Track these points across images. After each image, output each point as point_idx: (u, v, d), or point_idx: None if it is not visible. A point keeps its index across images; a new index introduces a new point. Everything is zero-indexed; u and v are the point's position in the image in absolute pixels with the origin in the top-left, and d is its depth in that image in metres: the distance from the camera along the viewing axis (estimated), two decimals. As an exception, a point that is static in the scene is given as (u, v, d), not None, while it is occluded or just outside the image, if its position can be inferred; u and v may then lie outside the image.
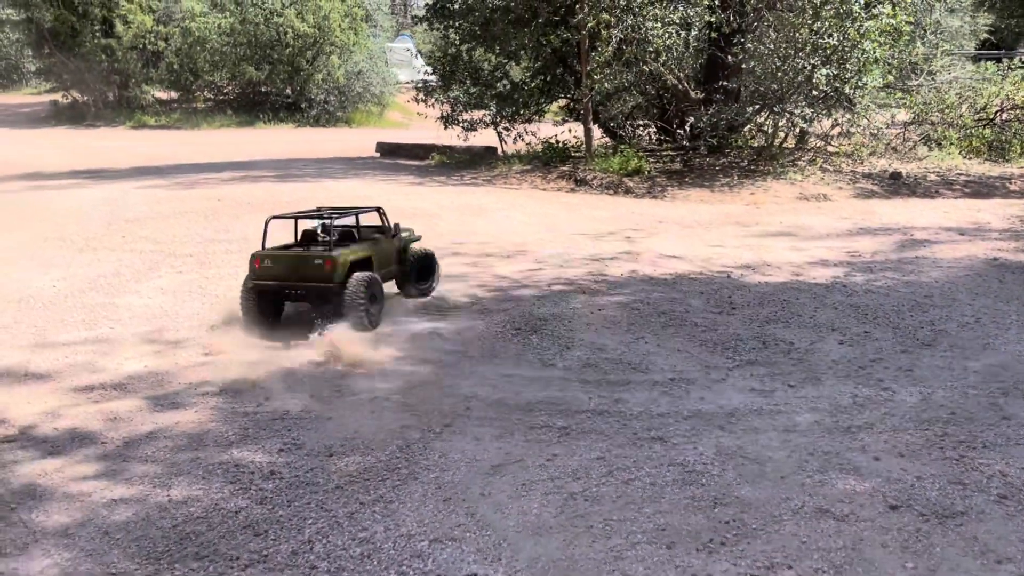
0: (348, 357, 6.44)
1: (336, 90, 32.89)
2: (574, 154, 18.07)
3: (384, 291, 7.57)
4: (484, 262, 9.77)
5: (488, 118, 19.06)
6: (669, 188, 15.73)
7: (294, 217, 7.75)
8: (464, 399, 5.78)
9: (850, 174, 16.30)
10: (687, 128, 17.31)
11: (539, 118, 19.43)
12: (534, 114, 19.04)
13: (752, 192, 15.18)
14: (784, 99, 16.01)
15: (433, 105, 19.69)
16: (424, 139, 21.23)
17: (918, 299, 8.29)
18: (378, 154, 21.97)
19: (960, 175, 16.21)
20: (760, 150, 17.55)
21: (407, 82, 32.81)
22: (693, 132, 16.96)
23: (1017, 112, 18.32)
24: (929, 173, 16.31)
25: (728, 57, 16.48)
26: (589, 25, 16.19)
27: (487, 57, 19.20)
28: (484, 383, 6.08)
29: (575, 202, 14.57)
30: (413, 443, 5.07)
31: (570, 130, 18.74)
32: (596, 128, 18.76)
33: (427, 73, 20.73)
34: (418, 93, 20.23)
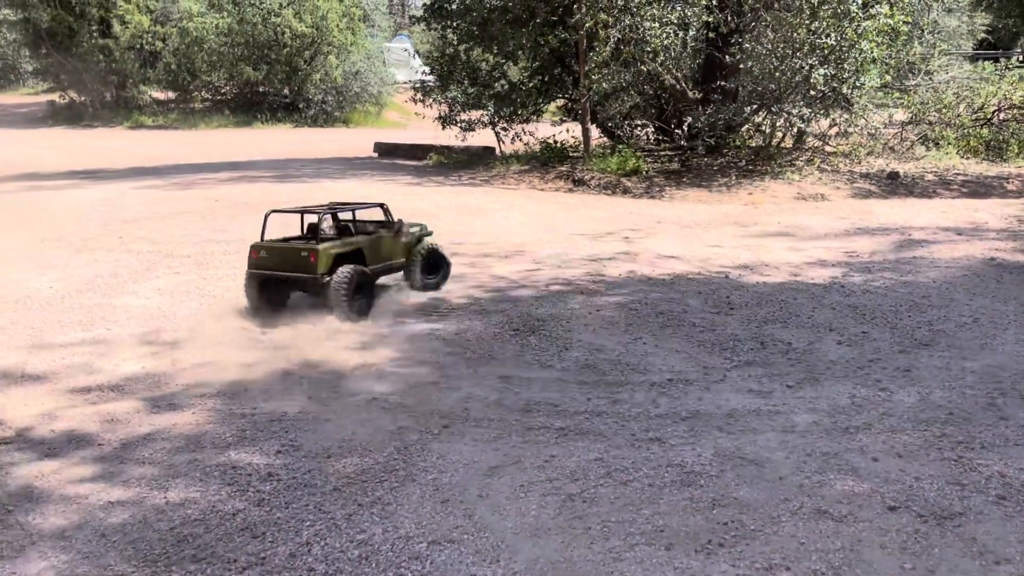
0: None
1: (334, 90, 32.89)
2: (572, 154, 18.08)
3: (374, 285, 7.81)
4: (482, 262, 9.76)
5: (486, 118, 19.06)
6: (667, 188, 15.73)
7: (291, 212, 8.00)
8: (462, 400, 5.77)
9: (848, 174, 16.31)
10: (685, 128, 17.31)
11: (537, 118, 19.44)
12: (532, 114, 19.06)
13: (750, 192, 15.19)
14: (782, 99, 16.02)
15: (431, 105, 19.70)
16: (422, 139, 21.24)
17: (916, 299, 8.29)
18: (376, 154, 21.97)
19: (957, 175, 16.23)
20: (758, 150, 17.56)
21: (405, 82, 32.77)
22: (691, 132, 16.96)
23: (1015, 112, 18.34)
24: (927, 173, 16.32)
25: (726, 57, 16.48)
26: (587, 25, 16.19)
27: (485, 57, 19.20)
28: (482, 384, 6.07)
29: (573, 202, 14.57)
30: (411, 444, 5.06)
31: (568, 130, 18.75)
32: (594, 128, 18.77)
33: (425, 73, 20.74)
34: (416, 93, 20.24)
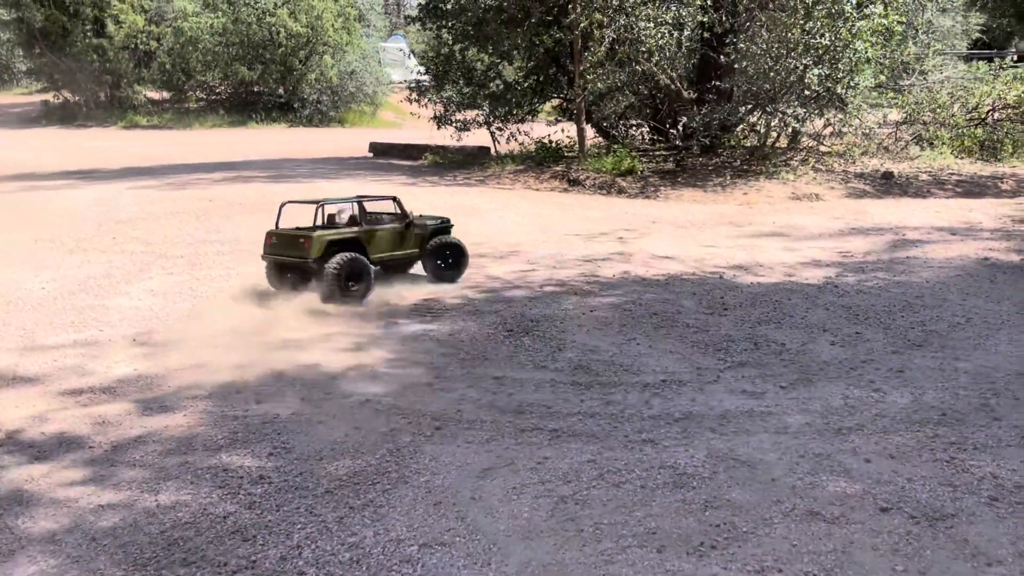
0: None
1: (329, 90, 32.83)
2: (567, 154, 18.07)
3: (372, 272, 8.27)
4: (477, 263, 9.74)
5: (481, 118, 19.05)
6: (662, 188, 15.74)
7: (303, 203, 8.80)
8: (455, 402, 5.76)
9: (842, 174, 16.33)
10: (680, 128, 17.31)
11: (532, 118, 19.44)
12: (527, 114, 19.05)
13: (745, 192, 15.20)
14: (776, 99, 16.02)
15: (426, 105, 19.69)
16: (417, 139, 21.19)
17: (909, 299, 8.30)
18: (371, 154, 21.94)
19: (952, 175, 16.25)
20: (753, 150, 17.56)
21: (400, 82, 32.77)
22: (686, 132, 16.96)
23: (1009, 112, 18.38)
24: (921, 173, 16.35)
25: (721, 57, 16.49)
26: (582, 25, 16.19)
27: (480, 57, 19.19)
28: (475, 385, 6.06)
29: (568, 202, 14.57)
30: (403, 446, 5.05)
31: (563, 130, 18.75)
32: (589, 128, 18.76)
33: (420, 73, 20.73)
34: (411, 93, 20.23)
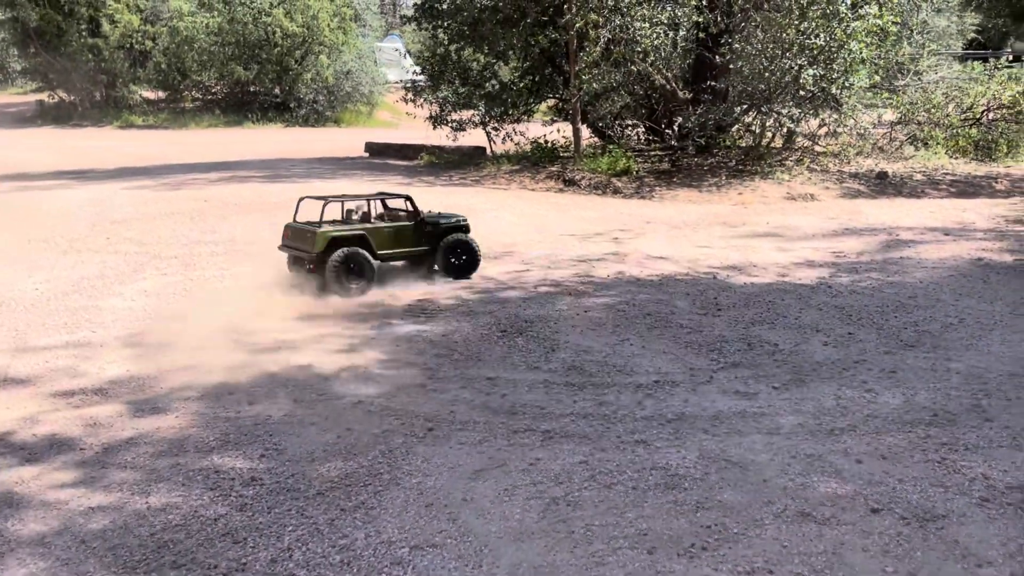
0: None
1: (325, 90, 32.79)
2: (563, 154, 18.07)
3: (374, 267, 8.53)
4: (471, 263, 9.74)
5: (477, 118, 19.05)
6: (657, 188, 15.74)
7: (318, 199, 9.00)
8: (448, 403, 5.75)
9: (837, 174, 16.36)
10: (675, 128, 17.33)
11: (528, 118, 19.44)
12: (523, 114, 19.05)
13: (740, 192, 15.21)
14: (771, 99, 16.05)
15: (422, 105, 19.67)
16: (413, 139, 21.19)
17: (902, 300, 8.31)
18: (367, 154, 21.92)
19: (946, 175, 16.29)
20: (748, 150, 17.59)
21: (396, 82, 32.75)
22: (681, 132, 16.98)
23: (1003, 112, 18.43)
24: (915, 173, 16.38)
25: (716, 57, 16.51)
26: (577, 25, 16.18)
27: (476, 57, 19.18)
28: (468, 386, 6.06)
29: (564, 202, 14.56)
30: (396, 448, 5.04)
31: (559, 130, 18.74)
32: (585, 128, 18.77)
33: (416, 73, 20.68)
34: (407, 93, 20.21)
